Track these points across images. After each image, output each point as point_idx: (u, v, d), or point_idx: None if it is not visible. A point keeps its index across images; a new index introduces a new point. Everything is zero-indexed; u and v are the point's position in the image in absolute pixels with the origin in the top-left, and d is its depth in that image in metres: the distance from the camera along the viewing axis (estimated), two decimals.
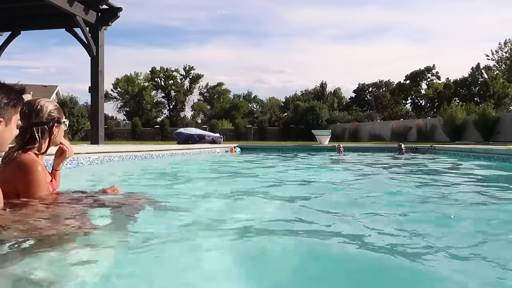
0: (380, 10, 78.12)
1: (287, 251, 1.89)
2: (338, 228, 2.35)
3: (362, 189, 4.33)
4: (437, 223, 2.60)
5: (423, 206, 3.24)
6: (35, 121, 2.18)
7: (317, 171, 7.25)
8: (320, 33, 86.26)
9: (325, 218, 2.67)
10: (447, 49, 78.57)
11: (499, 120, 21.29)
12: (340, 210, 2.95)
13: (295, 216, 2.66)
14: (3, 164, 2.15)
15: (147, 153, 9.38)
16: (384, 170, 7.19)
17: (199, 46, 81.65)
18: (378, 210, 2.95)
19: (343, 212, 2.88)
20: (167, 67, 55.97)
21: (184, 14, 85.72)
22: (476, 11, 76.76)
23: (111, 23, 11.17)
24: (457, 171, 6.94)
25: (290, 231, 2.25)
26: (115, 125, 40.19)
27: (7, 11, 10.72)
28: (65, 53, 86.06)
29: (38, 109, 2.20)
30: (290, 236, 2.14)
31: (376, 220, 2.59)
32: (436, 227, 2.47)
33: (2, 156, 2.15)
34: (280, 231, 2.20)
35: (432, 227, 2.45)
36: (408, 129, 26.58)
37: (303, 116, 36.39)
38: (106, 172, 6.35)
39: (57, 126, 2.27)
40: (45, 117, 2.21)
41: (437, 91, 50.01)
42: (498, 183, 5.32)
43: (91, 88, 11.05)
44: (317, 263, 1.76)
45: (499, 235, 2.29)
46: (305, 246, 2.00)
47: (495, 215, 2.93)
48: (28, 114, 2.16)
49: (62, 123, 2.31)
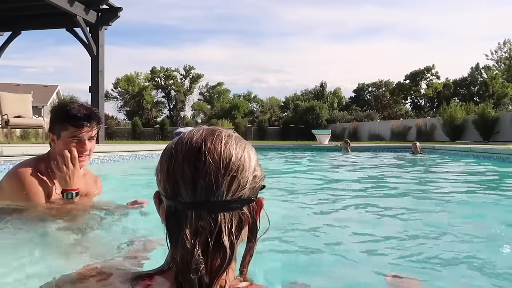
0: (380, 9, 78.15)
1: (302, 251, 1.90)
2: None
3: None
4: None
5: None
6: None
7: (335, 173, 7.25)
8: (318, 32, 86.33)
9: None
10: (447, 49, 78.58)
11: (499, 119, 21.30)
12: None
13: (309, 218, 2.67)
14: None
15: (148, 153, 9.40)
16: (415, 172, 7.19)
17: (196, 45, 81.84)
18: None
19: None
20: (167, 67, 56.00)
21: (181, 13, 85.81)
22: (476, 10, 76.75)
23: (112, 23, 11.18)
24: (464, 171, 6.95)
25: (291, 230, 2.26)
26: (115, 125, 40.16)
27: (8, 11, 10.73)
28: (62, 53, 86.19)
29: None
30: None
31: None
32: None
33: None
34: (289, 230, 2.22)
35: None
36: (407, 129, 26.58)
37: (303, 115, 36.40)
38: (106, 172, 6.36)
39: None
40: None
41: (437, 91, 49.98)
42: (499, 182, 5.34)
43: (92, 88, 11.06)
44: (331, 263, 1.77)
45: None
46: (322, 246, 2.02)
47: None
48: None
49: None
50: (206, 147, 0.74)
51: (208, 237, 0.71)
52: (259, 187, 0.80)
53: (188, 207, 0.73)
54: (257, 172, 0.79)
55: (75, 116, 2.04)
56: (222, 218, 0.73)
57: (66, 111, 2.06)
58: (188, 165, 0.73)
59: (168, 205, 0.76)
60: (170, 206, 0.75)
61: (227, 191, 0.73)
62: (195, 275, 0.69)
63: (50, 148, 2.16)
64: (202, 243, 0.71)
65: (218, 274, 0.71)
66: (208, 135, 0.76)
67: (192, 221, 0.72)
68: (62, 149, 2.07)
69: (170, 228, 0.75)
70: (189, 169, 0.73)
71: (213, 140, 0.75)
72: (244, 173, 0.75)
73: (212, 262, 0.72)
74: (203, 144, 0.74)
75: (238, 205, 0.75)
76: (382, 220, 2.75)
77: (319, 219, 2.80)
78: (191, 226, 0.72)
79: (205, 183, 0.72)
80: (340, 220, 2.71)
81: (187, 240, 0.71)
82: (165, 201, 0.77)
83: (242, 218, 0.76)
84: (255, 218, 0.79)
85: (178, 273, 0.71)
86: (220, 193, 0.73)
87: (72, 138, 2.05)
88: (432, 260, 1.81)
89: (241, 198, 0.75)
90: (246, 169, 0.76)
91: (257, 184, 0.79)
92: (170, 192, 0.75)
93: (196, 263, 0.69)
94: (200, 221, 0.72)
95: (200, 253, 0.70)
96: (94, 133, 2.12)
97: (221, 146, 0.75)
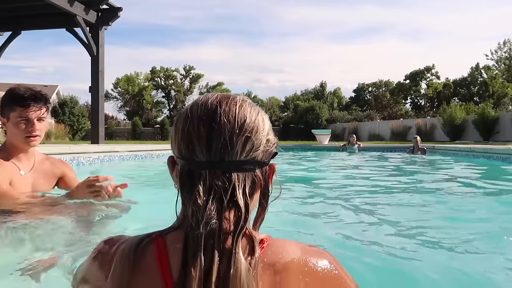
0: (380, 9, 78.15)
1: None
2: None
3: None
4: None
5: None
6: None
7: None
8: (319, 32, 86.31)
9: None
10: (447, 49, 78.60)
11: (498, 119, 21.30)
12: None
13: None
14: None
15: (147, 153, 9.40)
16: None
17: (196, 45, 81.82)
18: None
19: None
20: (167, 67, 56.00)
21: (181, 13, 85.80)
22: (476, 10, 76.77)
23: (112, 23, 11.19)
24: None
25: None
26: (115, 125, 40.16)
27: (7, 11, 10.73)
28: (62, 53, 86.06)
29: None
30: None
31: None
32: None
33: None
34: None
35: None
36: (407, 129, 26.56)
37: (303, 115, 36.39)
38: (106, 171, 6.36)
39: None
40: None
41: (437, 91, 49.99)
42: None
43: (92, 88, 11.06)
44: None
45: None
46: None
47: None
48: None
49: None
50: (222, 108, 0.76)
51: (222, 195, 0.73)
52: (272, 152, 0.81)
53: (203, 166, 0.75)
54: (270, 136, 0.81)
55: (21, 96, 2.08)
56: (236, 177, 0.75)
57: (12, 92, 2.11)
58: (204, 125, 0.75)
59: (182, 165, 0.77)
60: (185, 166, 0.77)
61: (241, 151, 0.75)
62: (204, 229, 0.70)
63: (6, 137, 2.20)
64: (216, 200, 0.72)
65: (236, 234, 0.72)
66: (223, 98, 0.79)
67: (206, 180, 0.74)
68: (13, 132, 2.11)
69: (183, 188, 0.77)
70: (204, 129, 0.75)
71: (228, 103, 0.78)
72: (258, 135, 0.77)
73: (227, 220, 0.73)
74: (218, 105, 0.77)
75: (252, 167, 0.77)
76: (381, 220, 2.75)
77: (318, 219, 2.80)
78: (205, 184, 0.73)
79: (220, 142, 0.74)
80: (341, 220, 2.71)
81: (199, 197, 0.72)
82: (179, 163, 0.79)
83: (255, 180, 0.78)
84: (267, 182, 0.81)
85: (187, 229, 0.73)
86: (234, 153, 0.75)
87: (20, 119, 2.08)
88: (432, 260, 1.81)
89: (255, 160, 0.77)
90: (260, 131, 0.78)
91: (270, 148, 0.80)
92: (184, 152, 0.77)
93: (208, 218, 0.71)
94: (214, 179, 0.74)
95: (214, 210, 0.72)
96: (42, 113, 2.14)
97: (236, 108, 0.77)
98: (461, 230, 2.39)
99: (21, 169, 2.18)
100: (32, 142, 2.13)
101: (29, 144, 2.14)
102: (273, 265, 0.73)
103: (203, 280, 0.69)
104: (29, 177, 2.20)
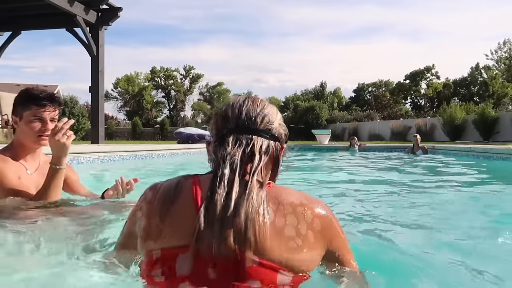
0: (380, 9, 78.19)
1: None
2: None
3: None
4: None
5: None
6: None
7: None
8: (319, 32, 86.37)
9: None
10: (447, 49, 78.63)
11: (498, 119, 21.32)
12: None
13: None
14: None
15: (147, 153, 9.40)
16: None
17: (196, 45, 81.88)
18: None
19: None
20: (167, 67, 56.02)
21: (181, 12, 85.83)
22: (476, 10, 76.80)
23: (112, 23, 11.18)
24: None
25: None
26: (115, 125, 40.20)
27: (8, 11, 10.73)
28: (62, 53, 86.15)
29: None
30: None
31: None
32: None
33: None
34: None
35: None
36: (407, 129, 26.58)
37: (303, 115, 36.39)
38: (106, 171, 6.36)
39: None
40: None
41: (437, 91, 50.01)
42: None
43: (91, 88, 11.05)
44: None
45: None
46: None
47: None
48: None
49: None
50: (247, 99, 1.15)
51: (245, 148, 1.05)
52: (284, 134, 1.17)
53: (233, 131, 1.08)
54: (282, 123, 1.17)
55: (37, 96, 2.14)
56: (256, 139, 1.08)
57: (28, 92, 2.18)
58: (236, 108, 1.11)
59: (218, 133, 1.11)
60: (220, 133, 1.10)
61: (260, 123, 1.10)
62: (229, 164, 1.01)
63: (14, 137, 2.22)
64: (240, 149, 1.04)
65: (251, 171, 1.02)
66: (248, 98, 1.16)
67: (234, 137, 1.07)
68: (25, 130, 2.14)
69: (217, 146, 1.08)
70: (237, 109, 1.11)
71: (252, 98, 1.16)
72: (272, 117, 1.14)
73: (246, 164, 1.03)
74: (245, 98, 1.15)
75: (267, 136, 1.10)
76: (381, 220, 2.75)
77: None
78: (233, 139, 1.06)
79: (246, 117, 1.10)
80: (340, 220, 2.70)
81: (228, 146, 1.05)
82: (214, 137, 1.12)
83: (269, 147, 1.09)
84: (278, 153, 1.15)
85: (216, 168, 1.03)
86: (256, 123, 1.10)
87: (34, 118, 2.13)
88: (431, 259, 1.81)
89: (270, 131, 1.11)
90: (274, 115, 1.15)
91: (282, 129, 1.16)
92: (220, 125, 1.11)
93: (232, 156, 1.02)
94: (240, 137, 1.07)
95: (238, 154, 1.03)
96: (56, 114, 2.20)
97: (258, 101, 1.15)
98: (461, 230, 2.40)
99: (28, 168, 2.21)
100: (43, 141, 2.16)
101: (40, 143, 2.17)
102: (277, 197, 1.03)
103: (225, 198, 0.97)
104: (35, 177, 2.21)
